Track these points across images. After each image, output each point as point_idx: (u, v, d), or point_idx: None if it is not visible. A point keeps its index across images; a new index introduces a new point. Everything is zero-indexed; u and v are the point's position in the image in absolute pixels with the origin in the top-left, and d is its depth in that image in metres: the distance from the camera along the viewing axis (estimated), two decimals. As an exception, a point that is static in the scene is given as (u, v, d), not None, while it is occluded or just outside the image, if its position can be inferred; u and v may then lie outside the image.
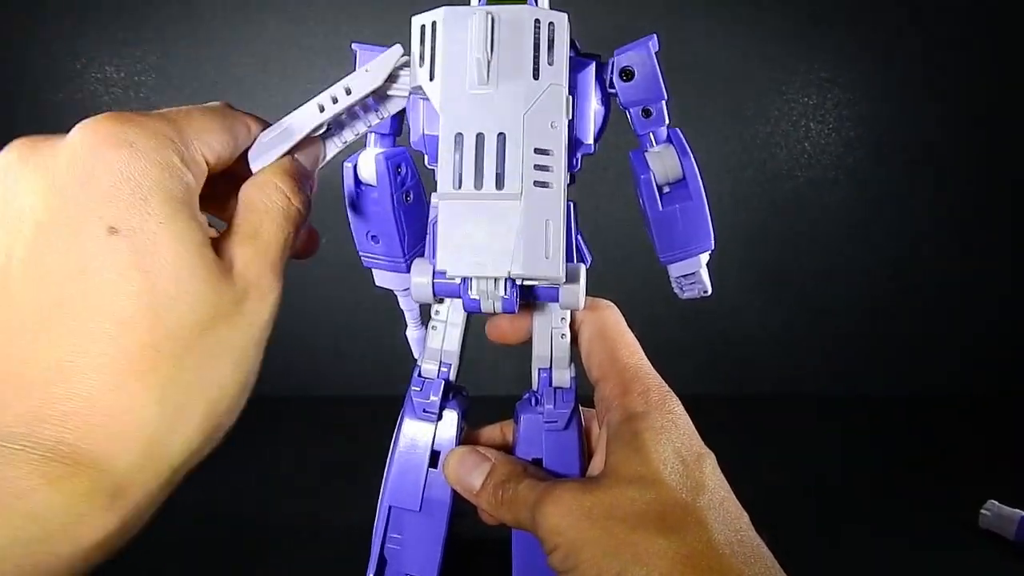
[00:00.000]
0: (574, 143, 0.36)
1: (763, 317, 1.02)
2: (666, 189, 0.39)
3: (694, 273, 0.40)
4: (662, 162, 0.39)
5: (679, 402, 0.35)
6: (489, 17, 0.31)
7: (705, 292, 0.41)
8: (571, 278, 0.34)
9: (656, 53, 0.38)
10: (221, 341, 0.26)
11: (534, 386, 0.40)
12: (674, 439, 0.33)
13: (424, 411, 0.40)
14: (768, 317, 1.02)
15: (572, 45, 0.35)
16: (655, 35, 0.38)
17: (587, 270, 0.36)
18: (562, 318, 0.39)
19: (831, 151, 1.02)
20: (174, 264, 0.24)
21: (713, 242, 0.39)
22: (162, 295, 0.24)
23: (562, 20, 0.32)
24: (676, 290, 0.42)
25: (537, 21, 0.31)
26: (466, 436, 0.42)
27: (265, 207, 0.29)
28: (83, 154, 0.24)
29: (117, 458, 0.23)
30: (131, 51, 0.96)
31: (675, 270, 0.40)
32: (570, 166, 0.36)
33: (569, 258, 0.37)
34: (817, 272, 1.02)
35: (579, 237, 0.39)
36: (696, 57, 0.99)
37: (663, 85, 0.38)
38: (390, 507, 0.41)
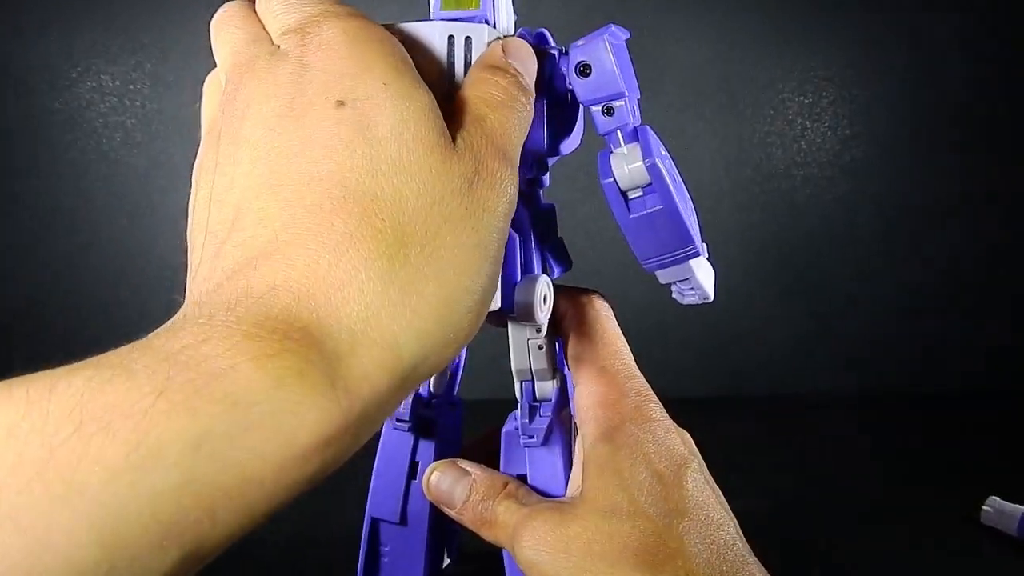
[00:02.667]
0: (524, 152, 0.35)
1: (759, 316, 1.02)
2: (637, 193, 0.36)
3: (688, 279, 0.36)
4: (626, 164, 0.35)
5: (657, 404, 0.34)
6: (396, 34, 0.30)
7: (706, 299, 0.37)
8: (523, 291, 0.32)
9: (615, 45, 0.34)
10: (453, 220, 0.22)
11: (517, 398, 0.37)
12: (651, 454, 0.31)
13: (397, 420, 0.39)
14: (764, 316, 1.02)
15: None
16: (612, 25, 0.35)
17: (564, 274, 0.35)
18: (537, 329, 0.35)
19: (827, 149, 1.02)
20: (399, 128, 0.22)
21: (701, 247, 0.36)
22: (387, 162, 0.22)
23: (480, 33, 0.30)
24: (676, 296, 0.38)
25: (451, 38, 0.29)
26: (465, 445, 0.41)
27: (484, 99, 0.26)
28: (301, 50, 0.23)
29: (336, 337, 0.20)
30: (127, 59, 0.96)
31: (662, 277, 0.36)
32: (525, 174, 0.35)
33: (530, 268, 0.35)
34: (813, 271, 1.02)
35: (548, 245, 0.37)
36: (691, 55, 0.99)
37: (623, 80, 0.34)
38: (371, 518, 0.41)
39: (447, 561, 0.46)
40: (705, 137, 1.00)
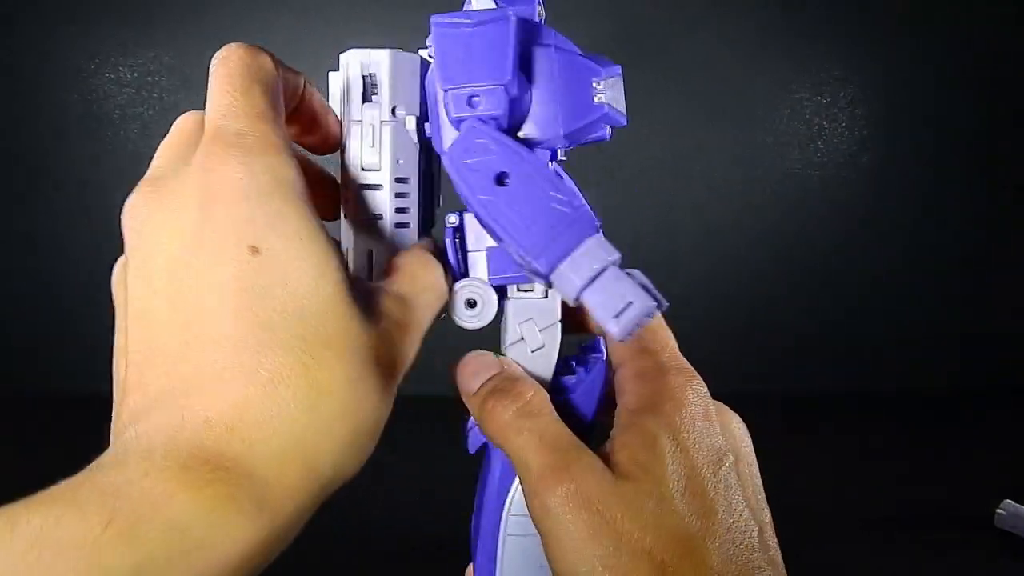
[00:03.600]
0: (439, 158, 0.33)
1: (771, 316, 1.02)
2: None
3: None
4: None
5: (701, 385, 0.33)
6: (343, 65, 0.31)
7: (647, 316, 0.30)
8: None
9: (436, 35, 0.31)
10: (364, 360, 0.26)
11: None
12: (689, 445, 0.31)
13: None
14: (776, 316, 1.02)
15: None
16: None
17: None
18: (525, 322, 0.34)
19: (844, 150, 1.01)
20: (317, 282, 0.25)
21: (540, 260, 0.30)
22: (311, 312, 0.25)
23: (382, 62, 0.31)
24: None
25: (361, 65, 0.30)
26: None
27: (423, 286, 0.30)
28: (204, 182, 0.25)
29: (265, 465, 0.22)
30: (144, 51, 0.96)
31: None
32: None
33: (457, 275, 0.34)
34: (827, 271, 1.02)
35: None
36: (707, 57, 0.99)
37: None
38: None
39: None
40: (718, 137, 1.00)
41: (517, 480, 0.36)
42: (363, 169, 0.32)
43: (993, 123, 1.00)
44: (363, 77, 0.32)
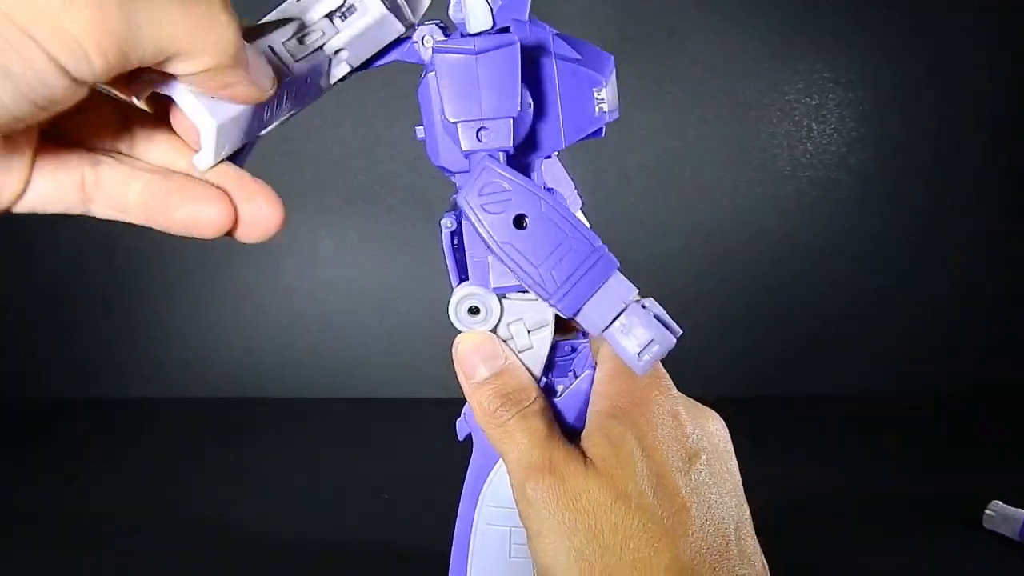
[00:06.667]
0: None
1: (760, 317, 1.02)
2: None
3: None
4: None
5: (670, 385, 0.33)
6: None
7: (666, 351, 0.30)
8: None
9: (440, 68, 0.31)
10: None
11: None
12: (661, 443, 0.31)
13: None
14: (765, 318, 1.02)
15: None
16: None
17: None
18: (514, 322, 0.35)
19: (833, 151, 1.02)
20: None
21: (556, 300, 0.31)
22: None
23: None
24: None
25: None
26: None
27: None
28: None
29: None
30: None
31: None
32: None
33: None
34: (817, 273, 1.02)
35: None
36: (697, 57, 0.99)
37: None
38: None
39: None
40: (708, 138, 1.00)
41: (493, 472, 0.36)
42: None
43: (983, 124, 1.01)
44: None
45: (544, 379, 0.35)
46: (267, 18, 0.30)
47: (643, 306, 0.31)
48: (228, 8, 0.22)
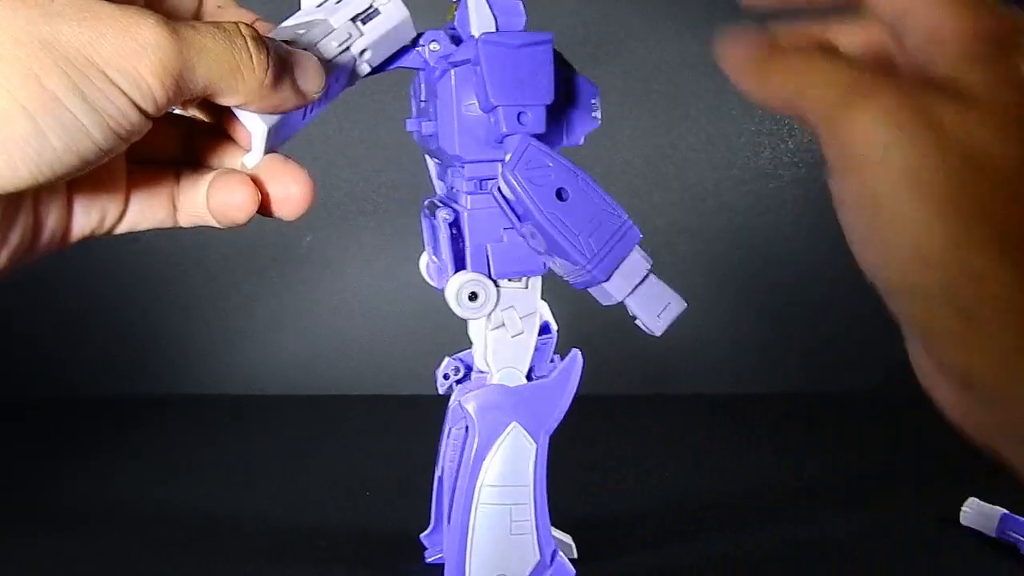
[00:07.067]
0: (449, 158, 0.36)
1: (741, 317, 1.03)
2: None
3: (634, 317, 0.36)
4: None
5: None
6: None
7: (651, 332, 0.37)
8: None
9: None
10: None
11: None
12: None
13: None
14: (750, 316, 1.03)
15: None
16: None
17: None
18: (507, 309, 0.38)
19: (815, 149, 1.02)
20: None
21: (595, 271, 0.37)
22: None
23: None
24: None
25: None
26: None
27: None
28: None
29: None
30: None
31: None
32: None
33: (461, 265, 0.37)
34: (800, 271, 1.03)
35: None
36: (680, 54, 0.99)
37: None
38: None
39: None
40: (692, 136, 1.00)
41: (491, 453, 0.38)
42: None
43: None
44: None
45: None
46: (288, 22, 0.32)
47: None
48: (260, 54, 0.26)
